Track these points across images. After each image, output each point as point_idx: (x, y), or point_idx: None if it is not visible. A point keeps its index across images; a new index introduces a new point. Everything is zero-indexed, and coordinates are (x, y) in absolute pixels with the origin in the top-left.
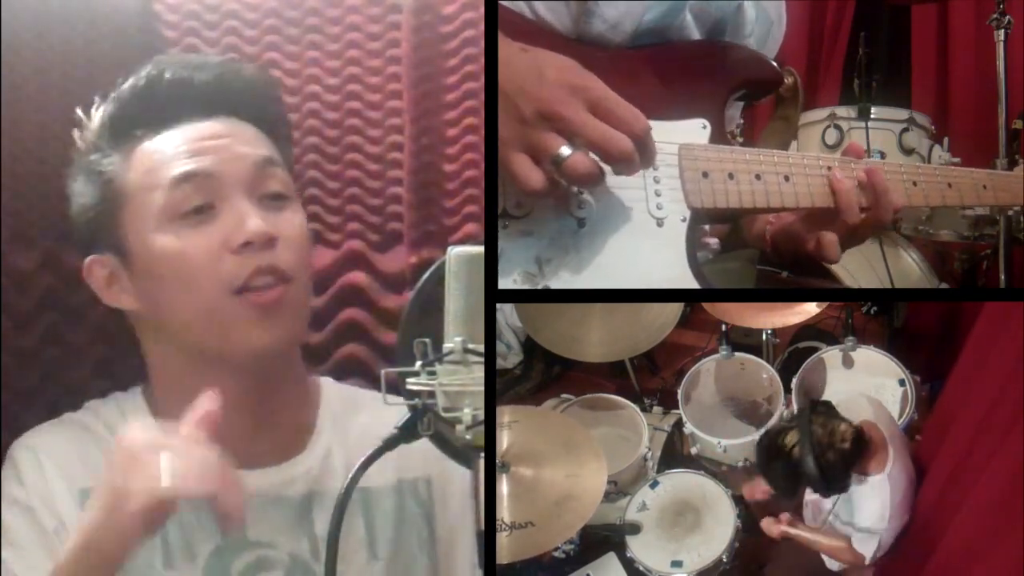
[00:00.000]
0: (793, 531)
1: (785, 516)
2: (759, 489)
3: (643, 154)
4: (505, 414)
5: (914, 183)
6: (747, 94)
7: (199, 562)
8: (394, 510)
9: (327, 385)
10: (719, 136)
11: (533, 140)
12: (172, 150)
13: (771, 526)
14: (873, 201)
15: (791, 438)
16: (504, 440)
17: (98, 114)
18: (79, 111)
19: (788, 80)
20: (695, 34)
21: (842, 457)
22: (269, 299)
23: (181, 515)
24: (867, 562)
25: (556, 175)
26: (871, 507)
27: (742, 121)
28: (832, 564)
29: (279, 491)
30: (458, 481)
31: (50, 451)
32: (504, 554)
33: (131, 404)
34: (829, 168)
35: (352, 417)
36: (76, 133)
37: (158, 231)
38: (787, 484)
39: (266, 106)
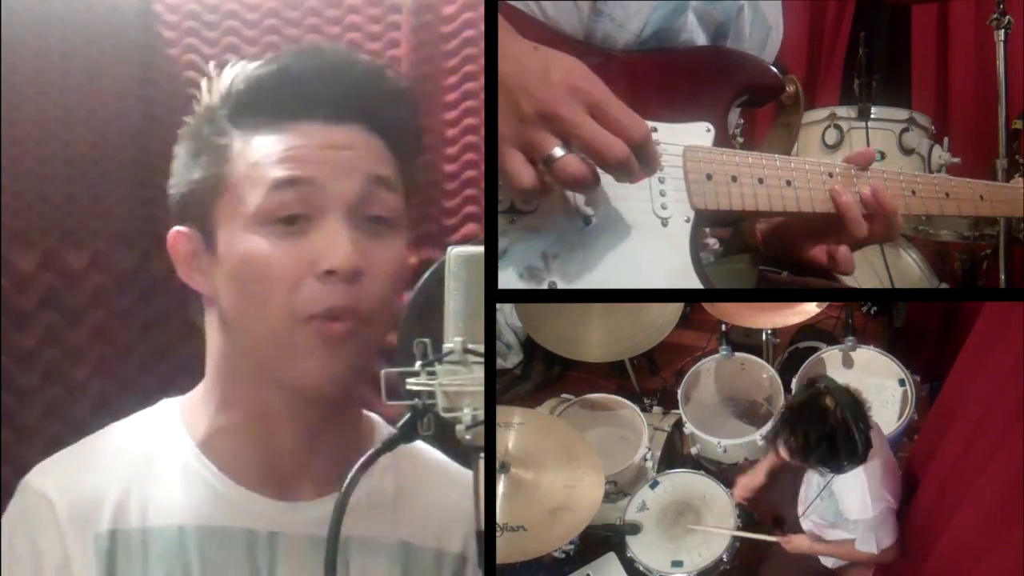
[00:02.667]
0: (818, 547)
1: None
2: (752, 485)
3: (643, 161)
4: (515, 414)
5: (913, 192)
6: (749, 100)
7: None
8: (430, 569)
9: (382, 428)
10: (723, 140)
11: (529, 138)
12: (285, 150)
13: (803, 542)
14: (881, 220)
15: (830, 401)
16: (508, 441)
17: (227, 82)
18: (211, 67)
19: (790, 88)
20: (699, 36)
21: (868, 425)
22: (336, 331)
23: (209, 548)
24: (876, 552)
25: (547, 175)
26: (852, 499)
27: (742, 122)
28: (827, 561)
29: (312, 530)
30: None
31: (63, 495)
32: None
33: (157, 421)
34: (831, 175)
35: (408, 471)
36: (203, 87)
37: (248, 230)
38: (827, 448)
39: (400, 120)
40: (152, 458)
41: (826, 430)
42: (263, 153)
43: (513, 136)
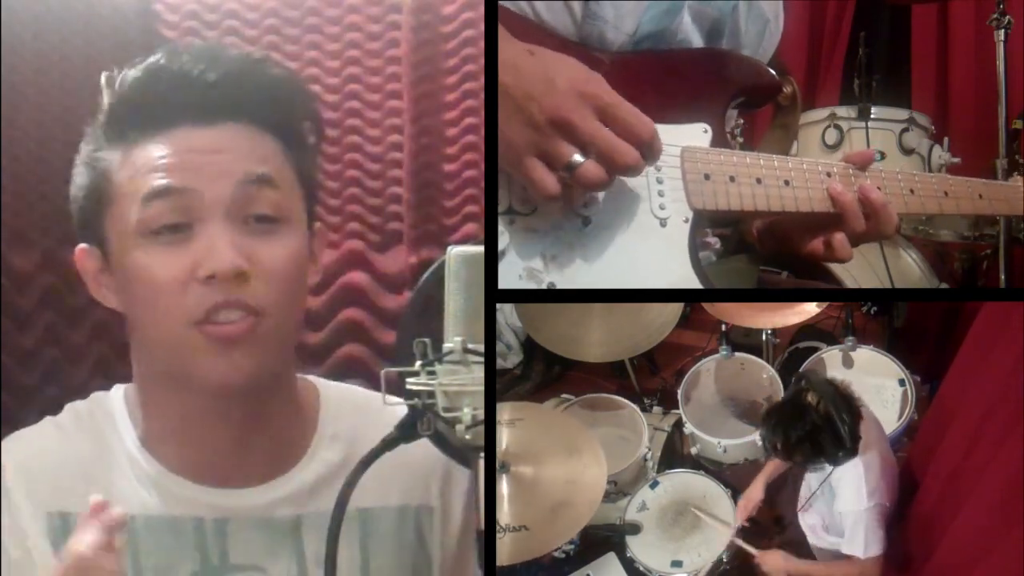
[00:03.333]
0: (797, 569)
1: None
2: (751, 504)
3: (649, 156)
4: (505, 411)
5: (911, 191)
6: (746, 101)
7: None
8: (392, 534)
9: (327, 393)
10: (720, 140)
11: (546, 147)
12: (156, 160)
13: (777, 561)
14: (874, 217)
15: (812, 397)
16: (504, 439)
17: (107, 95)
18: (103, 78)
19: (787, 89)
20: (694, 34)
21: (856, 417)
22: (229, 332)
23: (158, 537)
24: (863, 556)
25: (569, 181)
26: (848, 489)
27: (742, 121)
28: None
29: (265, 512)
30: (460, 513)
31: (20, 467)
32: (498, 557)
33: (109, 407)
34: (828, 175)
35: (360, 429)
36: (101, 100)
37: (134, 244)
38: (809, 447)
39: (288, 113)
40: (103, 444)
41: (807, 428)
42: (138, 166)
43: (531, 144)
